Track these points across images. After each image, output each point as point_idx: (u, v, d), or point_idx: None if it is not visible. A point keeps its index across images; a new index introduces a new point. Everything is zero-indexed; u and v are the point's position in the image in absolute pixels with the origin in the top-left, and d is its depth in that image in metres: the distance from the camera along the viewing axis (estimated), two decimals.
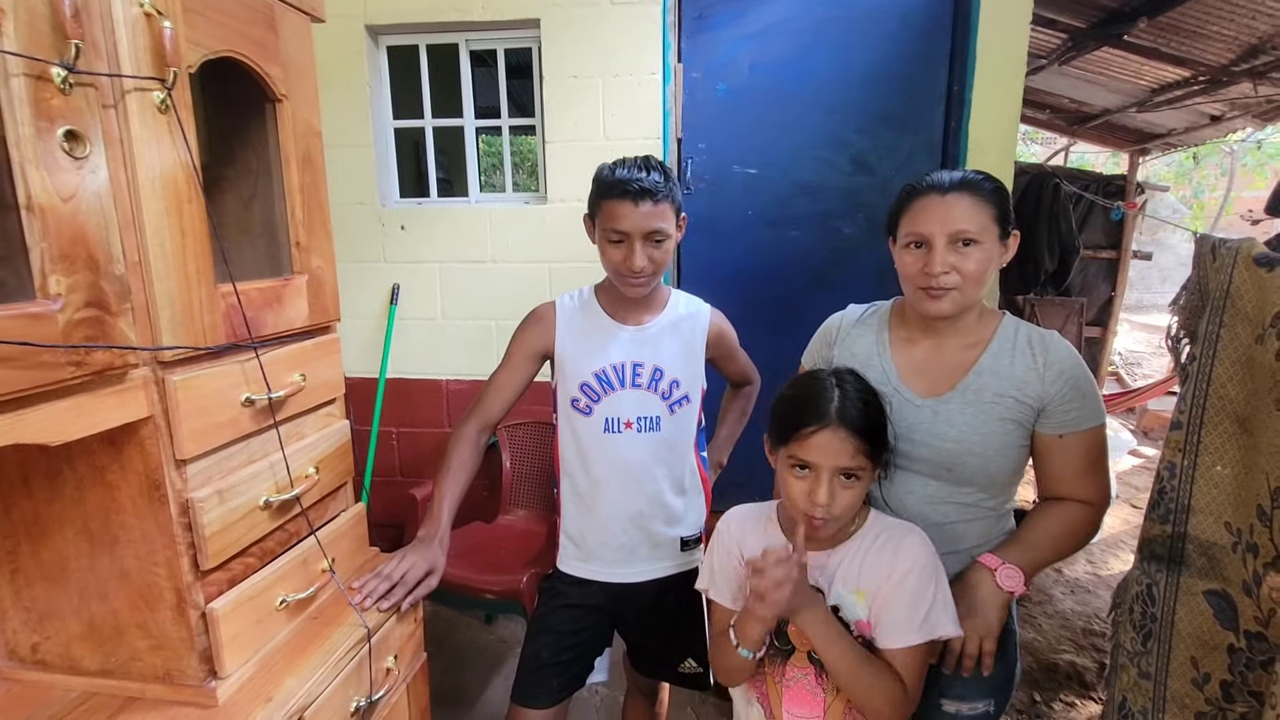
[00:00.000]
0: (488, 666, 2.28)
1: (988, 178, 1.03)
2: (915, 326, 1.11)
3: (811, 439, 0.93)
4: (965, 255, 0.99)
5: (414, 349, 2.55)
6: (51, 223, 0.65)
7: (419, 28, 2.38)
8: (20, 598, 0.89)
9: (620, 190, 1.17)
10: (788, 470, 0.97)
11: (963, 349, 1.07)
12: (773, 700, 0.99)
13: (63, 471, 0.82)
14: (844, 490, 0.94)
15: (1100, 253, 5.44)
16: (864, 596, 0.97)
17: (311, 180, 1.04)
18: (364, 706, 1.03)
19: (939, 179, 1.02)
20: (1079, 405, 1.02)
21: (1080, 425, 1.02)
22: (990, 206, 1.00)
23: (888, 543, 0.99)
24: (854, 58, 2.26)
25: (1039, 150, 8.93)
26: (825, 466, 0.92)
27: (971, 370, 1.05)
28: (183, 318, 0.80)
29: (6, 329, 0.60)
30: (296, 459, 1.00)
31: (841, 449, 0.92)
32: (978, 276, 1.00)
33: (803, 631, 0.92)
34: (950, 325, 1.07)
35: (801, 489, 0.95)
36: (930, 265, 0.99)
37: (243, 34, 0.88)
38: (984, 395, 1.03)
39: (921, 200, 1.02)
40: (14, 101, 0.61)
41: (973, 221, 0.98)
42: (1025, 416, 1.03)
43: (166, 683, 0.87)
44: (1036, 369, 1.02)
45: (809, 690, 0.97)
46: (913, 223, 1.02)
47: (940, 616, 0.95)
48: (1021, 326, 1.07)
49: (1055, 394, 1.01)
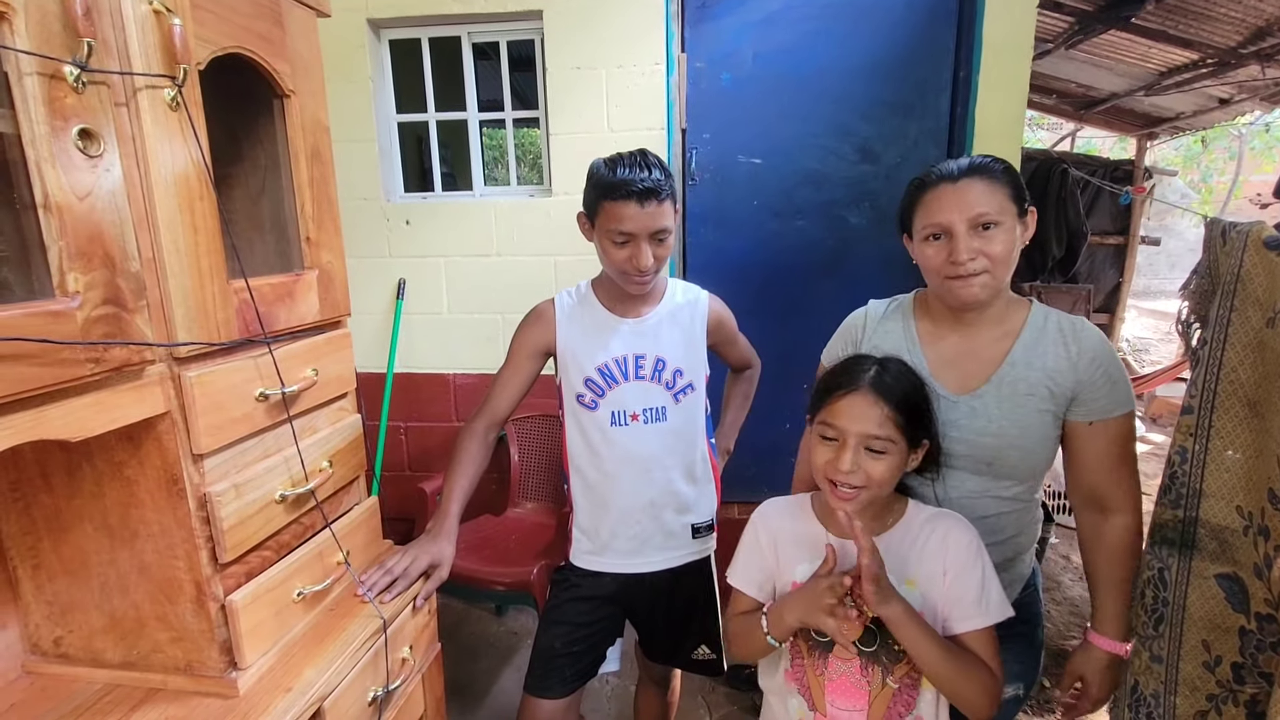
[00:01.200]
0: (499, 658, 2.30)
1: (996, 159, 1.01)
2: (942, 320, 1.09)
3: (839, 403, 0.93)
4: (989, 238, 0.97)
5: (421, 343, 2.56)
6: (68, 221, 0.65)
7: (421, 21, 2.37)
8: (43, 592, 0.90)
9: (624, 191, 1.15)
10: (817, 441, 0.96)
11: (993, 341, 1.05)
12: (815, 692, 0.98)
13: (82, 468, 0.83)
14: (871, 461, 0.92)
15: (1108, 239, 5.41)
16: (915, 586, 0.95)
17: (320, 175, 1.04)
18: (381, 696, 1.04)
19: (948, 168, 1.01)
20: (1109, 392, 1.00)
21: (1111, 413, 1.01)
22: (1004, 186, 0.98)
23: (933, 531, 0.97)
24: (858, 44, 2.24)
25: (1045, 136, 8.85)
26: (851, 432, 0.91)
27: (1005, 362, 1.03)
28: (197, 314, 0.81)
29: (27, 326, 0.61)
30: (310, 453, 1.01)
31: (868, 414, 0.91)
32: (1005, 257, 0.98)
33: (893, 632, 0.91)
34: (979, 315, 1.05)
35: (826, 455, 0.94)
36: (956, 254, 0.97)
37: (250, 30, 0.89)
38: (1019, 388, 1.01)
39: (934, 191, 1.00)
40: (28, 100, 0.62)
41: (990, 204, 0.97)
42: (1058, 406, 1.02)
43: (188, 674, 0.88)
44: (1069, 357, 1.01)
45: (853, 682, 0.95)
46: (929, 215, 1.00)
47: (1002, 597, 0.95)
48: (1051, 314, 1.05)
49: (1088, 381, 1.00)
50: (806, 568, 1.00)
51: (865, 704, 0.95)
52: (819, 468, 0.95)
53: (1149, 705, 1.06)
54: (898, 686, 0.95)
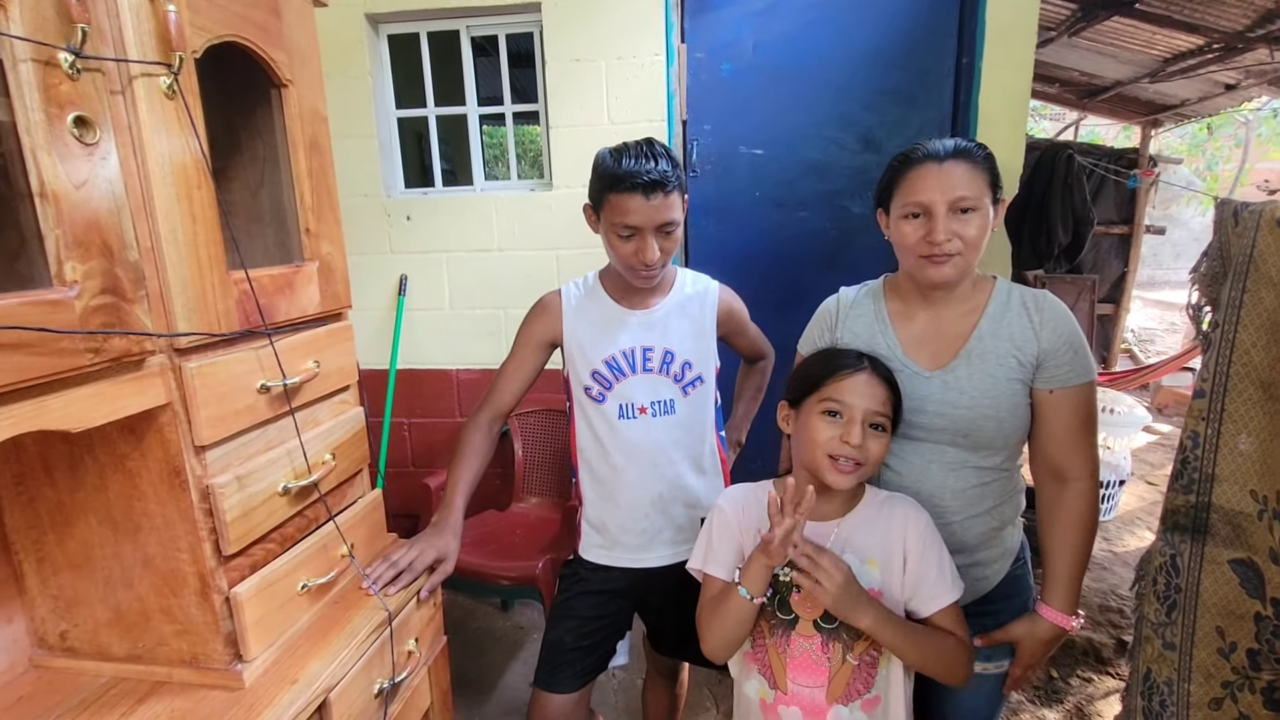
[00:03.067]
0: (505, 653, 2.30)
1: (979, 145, 1.04)
2: (912, 300, 1.12)
3: (846, 380, 0.98)
4: (966, 222, 1.00)
5: (423, 339, 2.55)
6: (65, 209, 0.65)
7: (419, 15, 2.36)
8: (47, 586, 0.90)
9: (629, 183, 1.13)
10: (817, 417, 0.99)
11: (960, 317, 1.08)
12: (776, 671, 1.00)
13: (84, 461, 0.83)
14: (872, 439, 0.97)
15: (1113, 228, 5.37)
16: (876, 565, 1.00)
17: (319, 166, 1.04)
18: (387, 689, 1.04)
19: (933, 148, 1.02)
20: (1071, 360, 1.03)
21: (1071, 381, 1.03)
22: (984, 173, 1.01)
23: (891, 514, 1.01)
24: (860, 33, 2.22)
25: (1048, 126, 8.80)
26: (859, 408, 0.96)
27: (972, 336, 1.06)
28: (197, 304, 0.80)
29: (25, 315, 0.61)
30: (313, 445, 1.00)
31: (874, 393, 0.97)
32: (977, 242, 1.01)
33: (873, 636, 0.94)
34: (946, 295, 1.08)
35: (832, 433, 0.97)
36: (934, 233, 1.00)
37: (246, 18, 0.88)
38: (988, 359, 1.04)
39: (919, 169, 1.02)
40: (23, 87, 0.61)
41: (970, 188, 0.99)
42: (1026, 375, 1.04)
43: (193, 666, 0.88)
44: (1033, 326, 1.04)
45: (814, 659, 0.98)
46: (910, 192, 1.02)
47: (956, 574, 1.00)
48: (1014, 289, 1.08)
49: (1050, 349, 1.03)
50: None
51: (825, 680, 0.98)
52: (820, 443, 0.98)
53: (1162, 693, 1.05)
54: (857, 663, 0.97)
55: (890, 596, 0.99)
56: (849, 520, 1.02)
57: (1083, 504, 1.06)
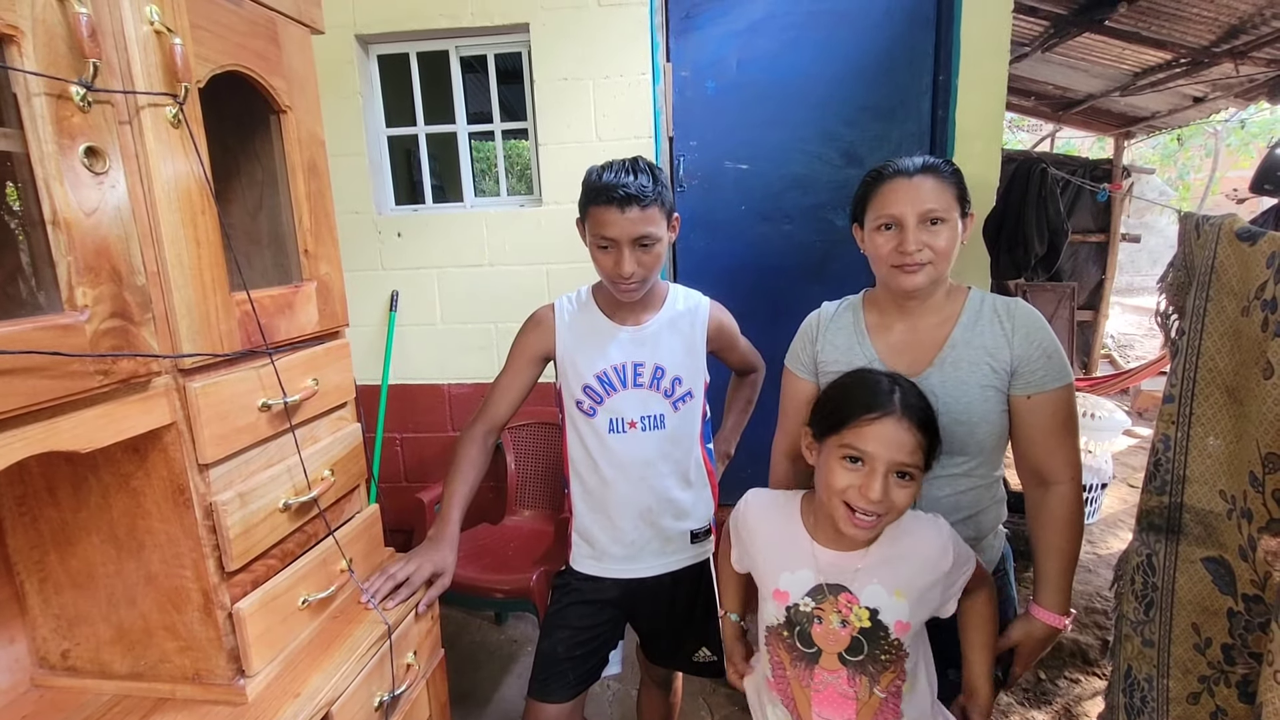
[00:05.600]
0: (500, 666, 2.30)
1: (947, 162, 1.09)
2: (889, 311, 1.15)
3: (870, 427, 0.90)
4: (935, 233, 1.04)
5: (415, 355, 2.57)
6: (76, 237, 0.67)
7: (409, 35, 2.40)
8: (49, 606, 0.91)
9: (606, 196, 1.16)
10: (836, 462, 0.93)
11: (935, 326, 1.12)
12: (800, 704, 0.99)
13: (88, 480, 0.84)
14: (898, 489, 0.90)
15: (1090, 236, 5.49)
16: (904, 596, 0.95)
17: (317, 188, 1.06)
18: (387, 702, 1.05)
19: (904, 164, 1.08)
20: (1045, 365, 1.06)
21: (1047, 385, 1.06)
22: (952, 187, 1.06)
23: (912, 537, 0.99)
24: (840, 51, 2.28)
25: (1025, 137, 8.99)
26: (882, 459, 0.89)
27: (946, 344, 1.09)
28: (201, 326, 0.82)
29: (39, 340, 0.62)
30: (312, 462, 1.02)
31: (901, 442, 0.89)
32: (947, 252, 1.05)
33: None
34: (921, 304, 1.12)
35: (851, 481, 0.90)
36: (904, 244, 1.04)
37: (246, 48, 0.90)
38: (961, 366, 1.08)
39: (890, 184, 1.07)
40: (36, 120, 0.64)
41: (939, 201, 1.04)
42: (1001, 382, 1.08)
43: (196, 683, 0.89)
44: (1005, 334, 1.07)
45: (840, 693, 0.96)
46: (883, 205, 1.07)
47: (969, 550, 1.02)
48: (987, 298, 1.12)
49: (1023, 356, 1.06)
50: (789, 577, 1.01)
51: (853, 714, 0.96)
52: (837, 490, 0.92)
53: (1143, 689, 1.09)
54: (885, 695, 0.96)
55: (916, 622, 0.96)
56: (874, 551, 0.98)
57: (1065, 507, 1.09)
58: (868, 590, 0.97)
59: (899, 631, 0.96)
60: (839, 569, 0.98)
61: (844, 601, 0.97)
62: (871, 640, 0.95)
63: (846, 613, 0.96)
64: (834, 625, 0.96)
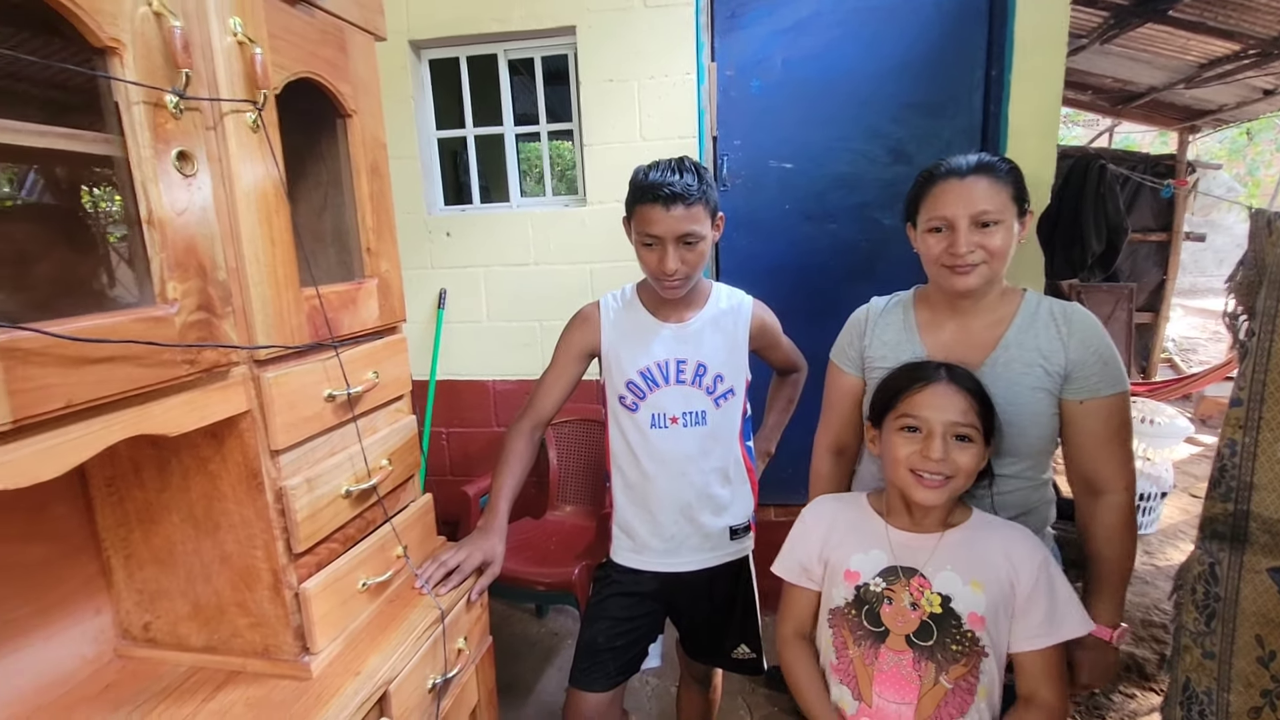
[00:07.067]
0: (540, 658, 2.34)
1: (1003, 159, 1.06)
2: (941, 310, 1.14)
3: (921, 394, 0.96)
4: (988, 234, 1.02)
5: (461, 351, 2.63)
6: (168, 234, 0.72)
7: (460, 40, 2.46)
8: (133, 580, 0.97)
9: (652, 194, 1.19)
10: (896, 435, 0.98)
11: (987, 327, 1.10)
12: (861, 682, 0.99)
13: (170, 463, 0.90)
14: (958, 450, 0.94)
15: (1150, 235, 5.26)
16: (980, 589, 0.95)
17: (379, 189, 1.11)
18: (439, 684, 1.09)
19: (956, 164, 1.06)
20: (1100, 371, 1.03)
21: (1101, 391, 1.04)
22: (1007, 186, 1.03)
23: (998, 536, 0.98)
24: (887, 47, 2.25)
25: (1081, 133, 8.67)
26: (937, 421, 0.94)
27: (999, 345, 1.08)
28: (274, 319, 0.87)
29: (135, 331, 0.68)
30: (372, 451, 1.07)
31: (952, 403, 0.95)
32: (1002, 253, 1.03)
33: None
34: (974, 305, 1.10)
35: (912, 448, 0.96)
36: (955, 245, 1.03)
37: (318, 55, 0.95)
38: (1014, 367, 1.06)
39: (942, 185, 1.05)
40: (135, 126, 0.69)
41: (993, 202, 1.02)
42: (1054, 385, 1.05)
43: (265, 657, 0.94)
44: (1060, 338, 1.05)
45: (904, 675, 0.96)
46: (935, 207, 1.06)
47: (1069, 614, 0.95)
48: (1044, 300, 1.10)
49: (1078, 360, 1.04)
50: (861, 558, 1.02)
51: (915, 698, 0.95)
52: (900, 460, 0.97)
53: (1201, 703, 1.05)
54: (951, 687, 0.95)
55: (997, 624, 0.95)
56: (952, 535, 0.99)
57: (1116, 516, 1.06)
58: (941, 576, 0.97)
59: (973, 624, 0.94)
60: (912, 551, 0.99)
61: (916, 584, 0.97)
62: (941, 627, 0.95)
63: (918, 596, 0.97)
64: (904, 606, 0.97)
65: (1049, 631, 0.94)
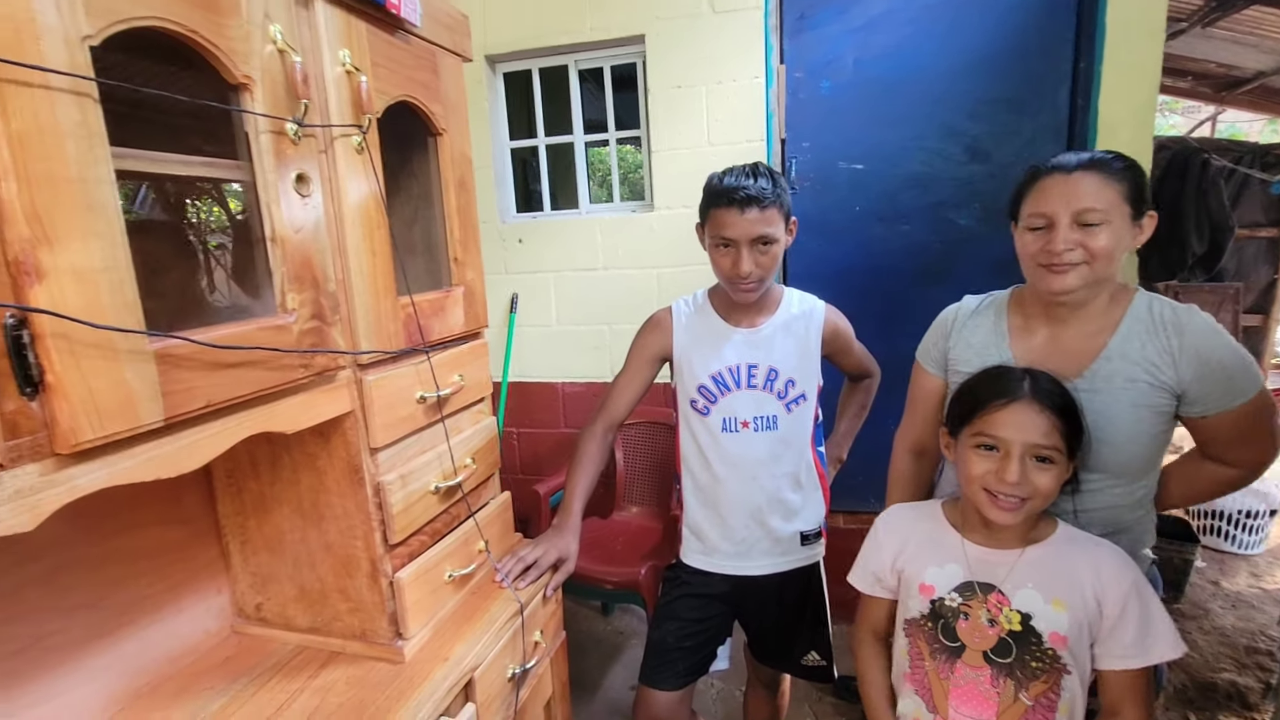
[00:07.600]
0: (606, 655, 2.39)
1: (1118, 156, 0.98)
2: (1035, 314, 1.07)
3: (1000, 413, 0.91)
4: (1091, 233, 0.94)
5: (532, 354, 2.71)
6: (288, 251, 0.79)
7: (532, 53, 2.54)
8: (248, 564, 1.06)
9: (727, 198, 1.21)
10: (971, 451, 0.94)
11: (1087, 336, 1.02)
12: (937, 696, 0.97)
13: (283, 458, 0.98)
14: (1037, 472, 0.90)
15: (1259, 231, 4.85)
16: (1063, 608, 0.91)
17: (465, 202, 1.17)
18: (518, 674, 1.14)
19: (1065, 159, 0.99)
20: (1224, 386, 0.95)
21: (1229, 404, 0.95)
22: (1120, 184, 0.95)
23: (1083, 556, 0.94)
24: (963, 41, 2.18)
25: (1179, 121, 8.08)
26: (1016, 442, 0.89)
27: (1100, 356, 1.00)
28: (375, 326, 0.94)
29: (261, 338, 0.75)
30: (457, 450, 1.13)
31: (1033, 424, 0.89)
32: (1106, 254, 0.95)
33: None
34: (1073, 311, 1.02)
35: (988, 467, 0.91)
36: (1052, 243, 0.96)
37: (414, 79, 1.02)
38: (1114, 382, 0.98)
39: (1046, 180, 0.99)
40: (262, 154, 0.76)
41: (1099, 199, 0.94)
42: (1162, 401, 0.97)
43: (363, 640, 1.01)
44: (1170, 351, 0.96)
45: (982, 691, 0.94)
46: (1036, 203, 1.00)
47: (1161, 637, 0.90)
48: (1155, 302, 1.00)
49: (1193, 377, 0.95)
50: (937, 571, 0.99)
51: (994, 715, 0.93)
52: (974, 478, 0.93)
53: None
54: (1032, 704, 0.92)
55: (1080, 643, 0.91)
56: (1033, 551, 0.95)
57: (1216, 475, 1.02)
58: (1021, 593, 0.93)
59: (1054, 643, 0.91)
60: (989, 566, 0.96)
61: (994, 601, 0.94)
62: (1021, 645, 0.92)
63: (996, 613, 0.94)
64: (981, 622, 0.94)
65: (1139, 653, 0.90)
